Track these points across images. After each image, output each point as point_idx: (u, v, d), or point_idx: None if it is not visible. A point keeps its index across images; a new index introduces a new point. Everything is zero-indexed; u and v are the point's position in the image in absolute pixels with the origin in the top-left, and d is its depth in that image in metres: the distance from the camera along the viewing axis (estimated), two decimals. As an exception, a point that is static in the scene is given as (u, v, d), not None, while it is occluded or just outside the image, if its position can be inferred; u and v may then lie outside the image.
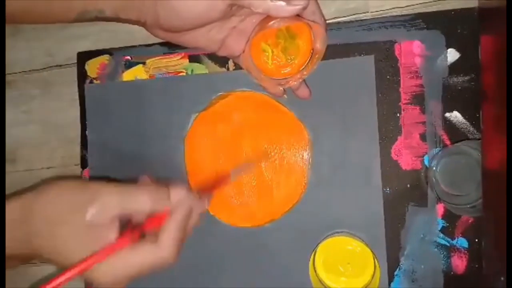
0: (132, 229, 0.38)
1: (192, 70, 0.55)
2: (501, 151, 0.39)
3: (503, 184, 0.37)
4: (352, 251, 0.49)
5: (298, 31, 0.47)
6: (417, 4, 0.52)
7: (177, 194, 0.40)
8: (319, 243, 0.50)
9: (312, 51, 0.47)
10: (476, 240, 0.49)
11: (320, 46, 0.47)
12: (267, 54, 0.47)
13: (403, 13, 0.52)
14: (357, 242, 0.49)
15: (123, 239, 0.38)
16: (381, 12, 0.53)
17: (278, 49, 0.47)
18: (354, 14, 0.53)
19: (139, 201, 0.38)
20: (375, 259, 0.49)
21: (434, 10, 0.51)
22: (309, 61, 0.48)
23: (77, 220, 0.37)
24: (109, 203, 0.37)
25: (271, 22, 0.45)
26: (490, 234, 0.44)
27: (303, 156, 0.53)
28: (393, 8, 0.52)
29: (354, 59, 0.52)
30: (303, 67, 0.48)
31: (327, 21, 0.52)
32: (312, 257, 0.50)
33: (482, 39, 0.48)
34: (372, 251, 0.49)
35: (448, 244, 0.49)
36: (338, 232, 0.51)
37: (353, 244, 0.49)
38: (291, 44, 0.47)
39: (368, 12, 0.53)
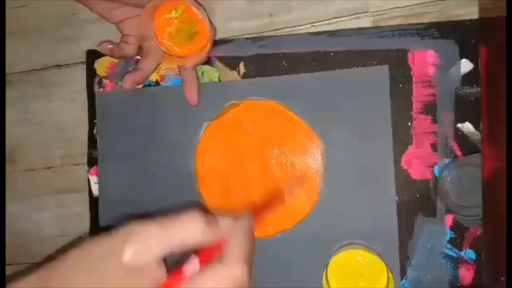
0: (182, 264, 0.32)
1: (202, 73, 0.54)
2: (500, 163, 0.39)
3: (503, 195, 0.37)
4: (363, 263, 0.48)
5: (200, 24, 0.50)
6: (417, 4, 0.51)
7: (227, 221, 0.33)
8: (331, 256, 0.49)
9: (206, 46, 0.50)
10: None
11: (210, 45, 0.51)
12: (175, 17, 0.50)
13: (417, 22, 0.51)
14: (367, 253, 0.49)
15: (175, 277, 0.30)
16: (381, 12, 0.52)
17: (185, 25, 0.50)
18: (354, 14, 0.52)
19: (186, 232, 0.31)
20: (388, 270, 0.48)
21: (435, 10, 0.51)
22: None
23: (113, 266, 0.30)
24: (150, 238, 0.30)
25: None
26: (490, 244, 0.44)
27: (315, 165, 0.52)
28: (393, 8, 0.52)
29: (368, 68, 0.51)
30: (193, 55, 0.50)
31: (327, 21, 0.53)
32: (324, 271, 0.49)
33: (481, 50, 0.47)
34: (384, 262, 0.48)
35: (455, 255, 0.50)
36: (350, 244, 0.50)
37: (362, 254, 0.48)
38: (195, 28, 0.50)
39: (368, 12, 0.52)
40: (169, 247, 0.31)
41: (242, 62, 0.54)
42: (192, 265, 0.31)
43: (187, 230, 0.31)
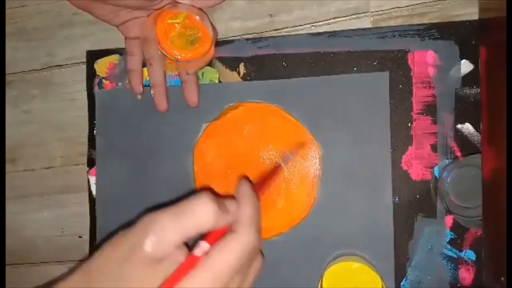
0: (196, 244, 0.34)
1: (203, 73, 0.54)
2: (500, 164, 0.39)
3: (503, 196, 0.37)
4: (358, 275, 0.47)
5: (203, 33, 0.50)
6: (417, 4, 0.51)
7: (234, 203, 0.36)
8: (325, 267, 0.49)
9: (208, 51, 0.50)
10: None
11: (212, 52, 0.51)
12: (177, 22, 0.49)
13: (417, 22, 0.51)
14: (361, 264, 0.47)
15: (191, 258, 0.33)
16: (381, 12, 0.52)
17: (187, 30, 0.50)
18: (354, 14, 0.52)
19: (200, 219, 0.33)
20: (382, 281, 0.48)
21: (435, 10, 0.51)
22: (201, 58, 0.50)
23: (138, 258, 0.32)
24: (166, 229, 0.32)
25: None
26: (490, 245, 0.44)
27: (313, 169, 0.52)
28: (393, 8, 0.52)
29: (368, 75, 0.51)
30: (195, 60, 0.50)
31: (327, 22, 0.53)
32: (319, 283, 0.48)
33: (481, 50, 0.47)
34: (379, 274, 0.47)
35: (455, 256, 0.50)
36: (345, 254, 0.50)
37: (356, 266, 0.47)
38: (197, 34, 0.50)
39: (368, 12, 0.52)
40: (186, 234, 0.33)
41: (242, 63, 0.54)
42: (202, 246, 0.33)
43: (201, 217, 0.33)
